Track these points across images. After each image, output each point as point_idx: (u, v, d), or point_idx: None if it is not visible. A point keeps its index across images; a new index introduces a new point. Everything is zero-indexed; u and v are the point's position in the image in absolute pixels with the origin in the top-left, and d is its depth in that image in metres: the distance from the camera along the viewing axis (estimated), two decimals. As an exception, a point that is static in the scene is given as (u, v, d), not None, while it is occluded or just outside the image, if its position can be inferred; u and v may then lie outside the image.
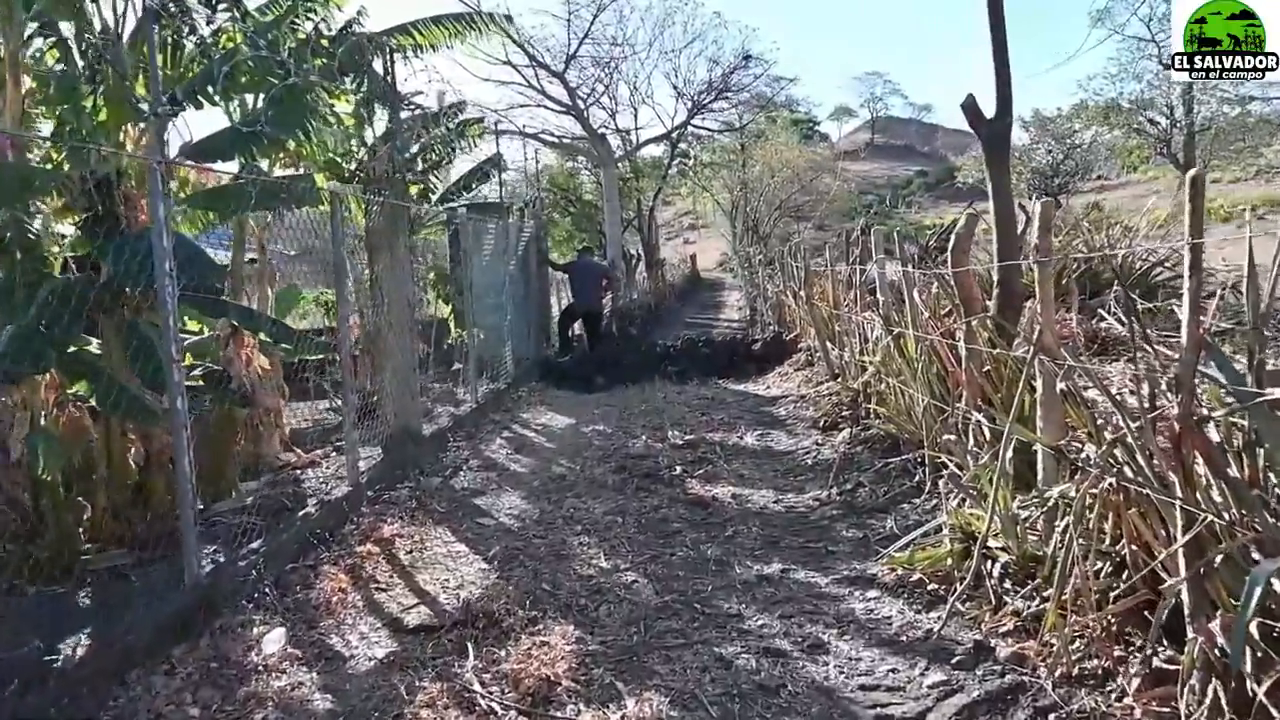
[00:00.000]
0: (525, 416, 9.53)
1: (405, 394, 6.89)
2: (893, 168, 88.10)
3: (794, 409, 8.76)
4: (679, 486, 6.24)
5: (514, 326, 11.52)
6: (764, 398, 9.74)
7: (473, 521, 5.65)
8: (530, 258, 12.86)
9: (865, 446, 6.57)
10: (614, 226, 24.90)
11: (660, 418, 8.91)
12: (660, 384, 11.08)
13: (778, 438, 7.72)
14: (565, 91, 24.48)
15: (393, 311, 6.76)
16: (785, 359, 11.35)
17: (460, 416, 8.39)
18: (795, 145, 54.40)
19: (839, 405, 7.95)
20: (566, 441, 8.17)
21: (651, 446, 7.57)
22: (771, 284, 17.52)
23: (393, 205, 6.74)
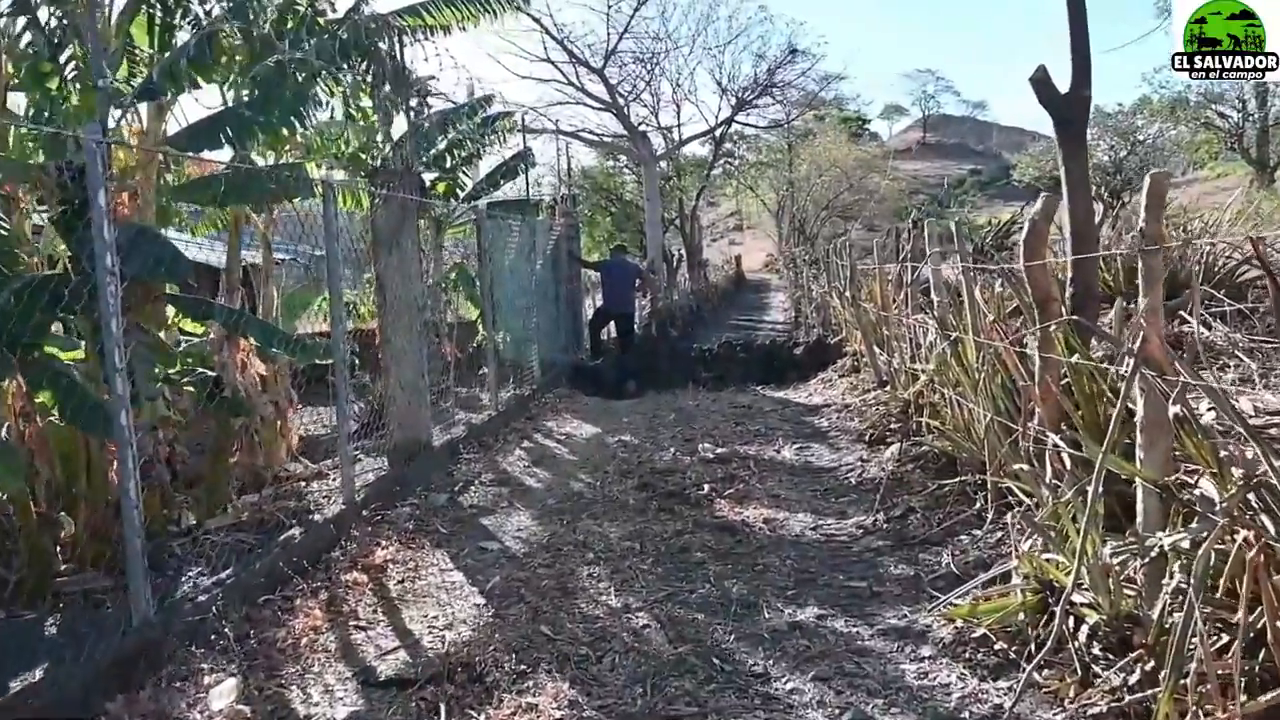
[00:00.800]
0: (549, 424, 8.97)
1: (413, 402, 6.37)
2: (945, 166, 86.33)
3: (837, 420, 8.08)
4: (706, 508, 5.62)
5: (542, 329, 10.99)
6: (805, 406, 9.06)
7: (475, 546, 5.09)
8: (561, 257, 12.33)
9: (916, 465, 5.88)
10: (655, 226, 24.30)
11: (691, 428, 8.29)
12: (694, 391, 10.46)
13: (818, 452, 7.05)
14: (605, 88, 23.94)
15: (399, 314, 6.24)
16: (829, 364, 10.66)
17: (478, 425, 7.86)
18: (844, 143, 53.39)
19: (887, 416, 7.26)
20: (589, 453, 7.59)
21: (679, 460, 6.96)
22: (816, 285, 16.79)
23: (401, 200, 6.21)
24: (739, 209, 70.03)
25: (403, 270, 6.25)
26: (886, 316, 7.84)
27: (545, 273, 11.68)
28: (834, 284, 12.51)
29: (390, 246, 6.18)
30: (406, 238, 6.29)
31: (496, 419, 8.38)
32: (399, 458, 6.27)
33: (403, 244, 6.25)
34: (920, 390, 6.24)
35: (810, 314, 16.61)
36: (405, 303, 6.28)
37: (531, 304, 10.63)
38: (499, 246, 10.73)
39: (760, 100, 27.28)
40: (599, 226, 30.34)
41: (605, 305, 13.00)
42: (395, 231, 6.22)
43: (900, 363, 7.22)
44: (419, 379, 6.42)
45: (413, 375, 6.35)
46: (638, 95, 26.27)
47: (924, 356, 6.48)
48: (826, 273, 14.16)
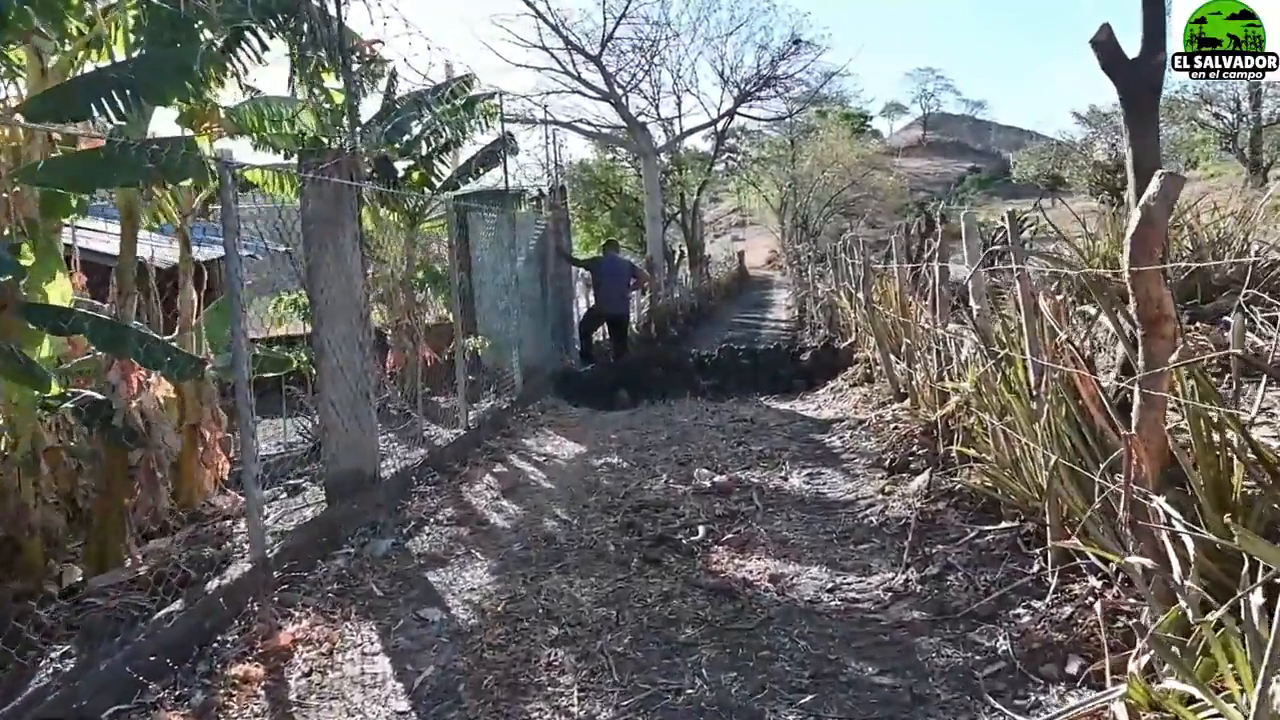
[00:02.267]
0: (527, 443, 8.01)
1: (354, 426, 5.41)
2: (945, 164, 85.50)
3: (851, 438, 7.11)
4: (700, 559, 4.66)
5: (525, 333, 10.03)
6: (814, 421, 8.09)
7: (414, 615, 4.13)
8: (547, 254, 11.36)
9: (949, 502, 4.93)
10: (654, 221, 23.35)
11: (687, 447, 7.33)
12: (692, 401, 9.50)
13: (831, 479, 6.09)
14: (602, 77, 22.94)
15: (335, 320, 5.28)
16: (838, 372, 9.69)
17: (439, 449, 6.89)
18: (846, 139, 52.61)
19: (908, 438, 6.31)
20: (570, 480, 6.63)
21: (672, 490, 6.00)
22: (822, 283, 15.82)
23: (336, 185, 5.25)
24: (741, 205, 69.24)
25: (340, 268, 5.29)
26: (906, 323, 6.87)
27: (529, 270, 10.72)
28: (843, 283, 11.53)
29: (324, 240, 5.22)
30: (345, 230, 5.33)
31: (466, 438, 7.43)
32: (337, 493, 5.31)
33: (340, 238, 5.29)
34: (952, 412, 5.26)
35: (816, 314, 15.64)
36: (343, 307, 5.32)
37: (513, 305, 9.67)
38: (476, 241, 9.79)
39: (763, 92, 26.24)
40: (598, 222, 29.36)
41: (597, 306, 12.03)
42: (331, 222, 5.26)
43: (924, 377, 6.25)
44: (362, 399, 5.45)
45: (353, 394, 5.39)
46: (636, 85, 25.30)
47: (956, 372, 5.51)
48: (834, 271, 13.17)
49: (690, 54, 29.94)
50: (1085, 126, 47.63)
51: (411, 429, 7.43)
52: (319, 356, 5.28)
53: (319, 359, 5.29)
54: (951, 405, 5.24)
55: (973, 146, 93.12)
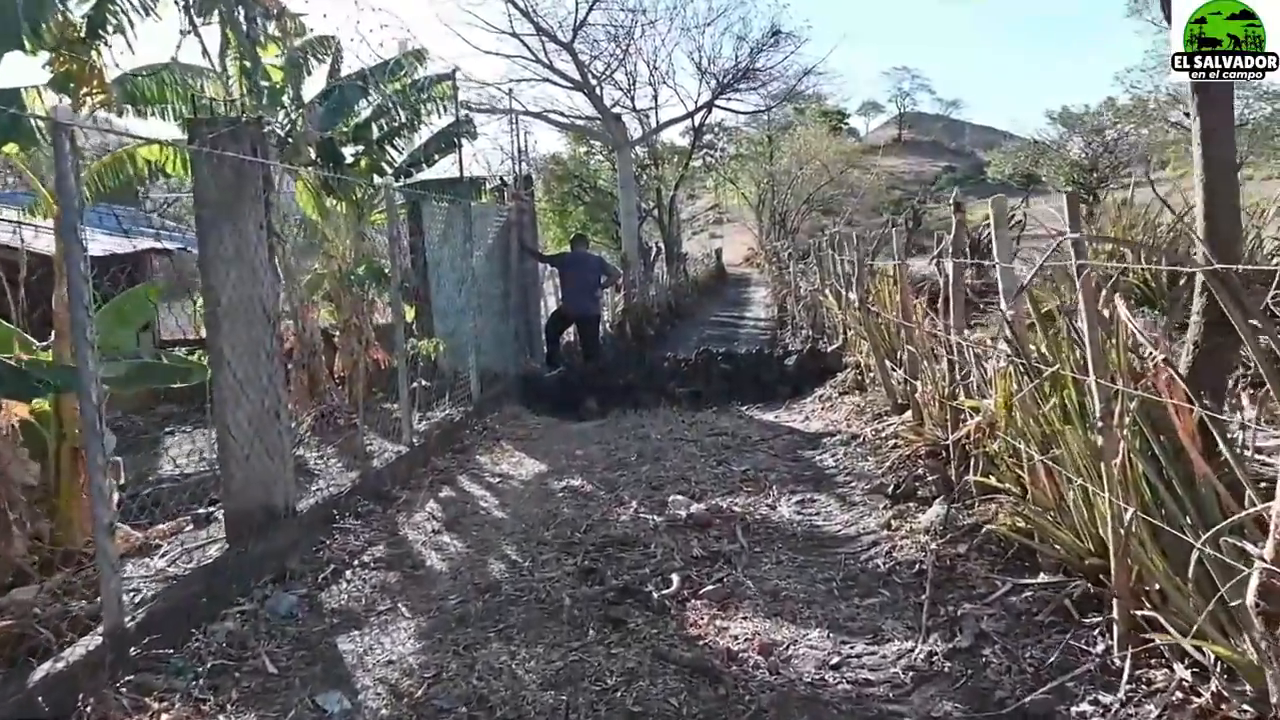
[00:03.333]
0: (482, 460, 7.13)
1: (260, 453, 4.51)
2: (920, 163, 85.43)
3: (845, 456, 6.29)
4: (674, 619, 3.81)
5: (483, 334, 9.13)
6: (802, 434, 7.26)
7: (309, 704, 3.24)
8: (510, 248, 10.45)
9: (971, 544, 4.11)
10: (630, 216, 22.45)
11: (661, 466, 6.48)
12: (668, 411, 8.65)
13: (826, 508, 5.26)
14: (575, 65, 22.01)
15: (236, 326, 4.38)
16: (826, 377, 8.88)
17: (374, 471, 5.99)
18: (824, 136, 52.25)
19: (912, 459, 5.50)
20: (526, 508, 5.76)
21: (642, 522, 5.15)
22: (805, 281, 15.03)
23: (236, 162, 4.34)
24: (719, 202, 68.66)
25: (243, 262, 4.39)
26: (909, 328, 6.05)
27: (490, 266, 9.83)
28: (829, 282, 10.72)
29: (221, 228, 4.31)
30: (248, 216, 4.43)
31: (410, 456, 6.54)
32: (239, 533, 4.41)
33: (242, 225, 4.38)
34: (973, 434, 4.44)
35: (798, 314, 14.84)
36: (246, 309, 4.42)
37: (470, 303, 8.77)
38: (430, 234, 8.90)
39: (742, 84, 25.39)
40: (571, 216, 28.45)
41: (563, 306, 11.13)
42: (230, 206, 4.35)
43: (932, 390, 5.43)
44: (270, 419, 4.55)
45: (260, 413, 4.49)
46: (610, 75, 24.39)
47: (976, 387, 4.70)
48: (819, 268, 12.36)
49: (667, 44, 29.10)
50: (1058, 127, 47.69)
51: (356, 443, 6.53)
52: (215, 369, 4.38)
53: (215, 372, 4.39)
54: (971, 427, 4.42)
55: (947, 146, 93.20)
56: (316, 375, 8.75)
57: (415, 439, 6.78)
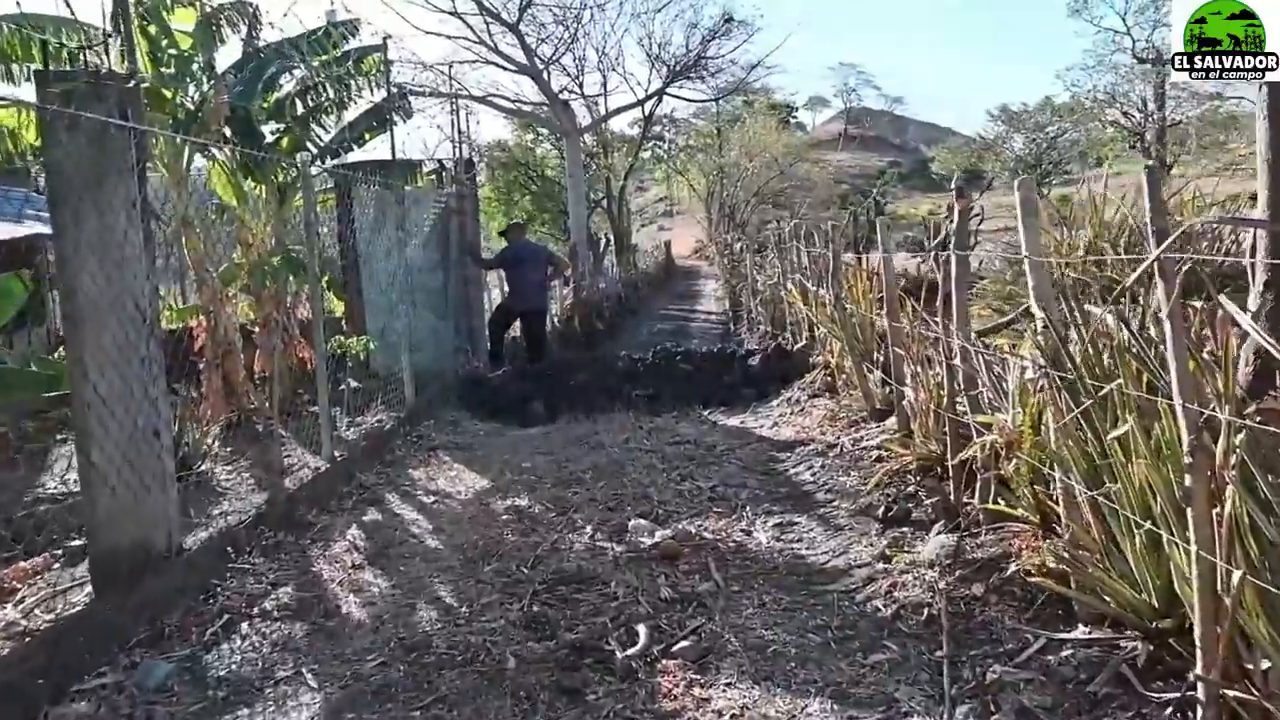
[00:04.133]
0: (415, 475, 6.35)
1: (133, 482, 3.71)
2: (866, 158, 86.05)
3: (823, 469, 5.64)
4: (641, 686, 3.11)
5: (419, 331, 8.33)
6: (772, 442, 6.61)
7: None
8: (450, 237, 9.63)
9: (986, 582, 3.48)
10: (579, 205, 21.68)
11: (618, 482, 5.78)
12: (624, 416, 7.93)
13: (809, 533, 4.61)
14: (520, 47, 21.11)
15: (100, 326, 3.56)
16: (791, 379, 8.25)
17: (287, 494, 5.18)
18: (773, 130, 52.08)
19: (900, 474, 4.88)
20: (464, 535, 5.00)
21: (600, 553, 4.45)
22: (763, 275, 14.43)
23: (96, 126, 3.51)
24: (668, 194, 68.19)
25: (107, 251, 3.57)
26: (896, 328, 5.42)
27: (427, 256, 9.02)
28: (793, 276, 10.10)
29: (78, 207, 3.49)
30: (115, 192, 3.60)
31: (331, 473, 5.73)
32: (109, 581, 3.60)
33: (107, 205, 3.56)
34: (987, 452, 3.81)
35: (756, 309, 14.22)
36: (112, 307, 3.60)
37: (404, 297, 7.97)
38: (360, 220, 8.08)
39: (694, 72, 24.74)
40: (517, 205, 27.53)
41: (508, 300, 10.33)
42: (91, 180, 3.52)
43: (926, 399, 4.80)
44: (146, 439, 3.75)
45: (133, 434, 3.68)
46: (558, 59, 23.55)
47: (984, 399, 4.07)
48: (780, 262, 11.74)
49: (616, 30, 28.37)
50: (999, 124, 48.33)
51: (272, 455, 5.72)
52: (74, 383, 3.56)
53: (74, 384, 3.56)
54: (983, 445, 3.79)
55: (892, 141, 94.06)
56: (232, 376, 7.91)
57: (338, 452, 5.98)
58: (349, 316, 8.89)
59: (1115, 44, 40.60)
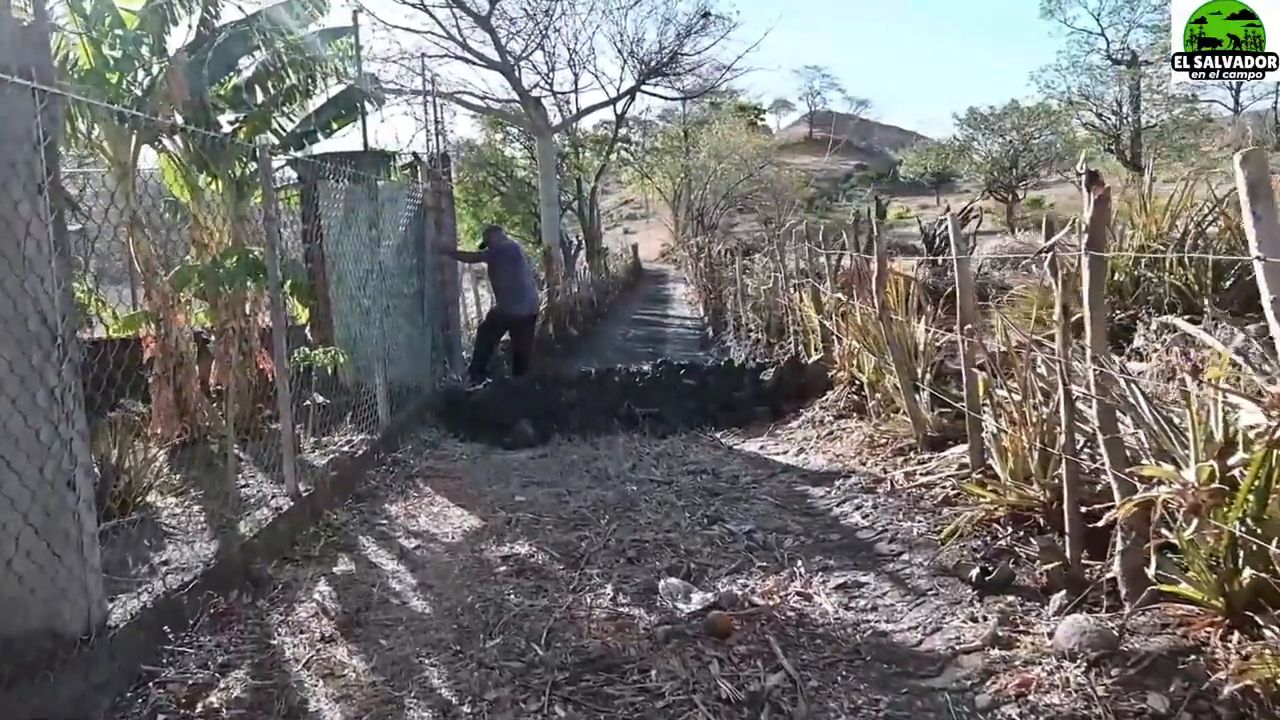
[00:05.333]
0: (393, 512, 5.45)
1: (40, 547, 2.80)
2: (832, 161, 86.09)
3: (875, 509, 4.83)
4: None
5: (394, 341, 7.43)
6: (803, 473, 5.80)
7: None
8: (426, 237, 8.71)
9: (1165, 688, 2.68)
10: (551, 206, 20.83)
11: (633, 523, 4.94)
12: (624, 438, 7.09)
13: (884, 598, 3.79)
14: (492, 42, 20.19)
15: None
16: (809, 395, 7.46)
17: (241, 541, 4.26)
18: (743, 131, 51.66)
19: (986, 523, 4.09)
20: (455, 593, 4.13)
21: (628, 623, 3.61)
22: (753, 279, 13.67)
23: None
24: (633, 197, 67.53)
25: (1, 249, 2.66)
26: (975, 346, 4.63)
27: (402, 259, 8.10)
28: (800, 281, 9.32)
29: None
30: (12, 177, 2.70)
31: (295, 511, 4.82)
32: (6, 682, 2.69)
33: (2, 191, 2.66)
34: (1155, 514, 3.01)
35: (747, 315, 13.44)
36: (9, 325, 2.69)
37: (378, 303, 7.06)
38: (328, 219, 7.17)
39: (669, 68, 23.95)
40: (486, 207, 26.54)
41: (503, 305, 9.33)
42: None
43: (1033, 432, 4.00)
44: (58, 493, 2.84)
45: (35, 487, 2.78)
46: (528, 56, 22.64)
47: (1146, 445, 3.28)
48: (777, 265, 10.96)
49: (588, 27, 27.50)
50: (964, 128, 48.27)
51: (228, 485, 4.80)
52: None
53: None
54: (1148, 502, 2.98)
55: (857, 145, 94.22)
56: (185, 391, 6.99)
57: (303, 485, 5.06)
58: (315, 324, 7.96)
59: (1089, 45, 40.64)
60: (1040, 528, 3.83)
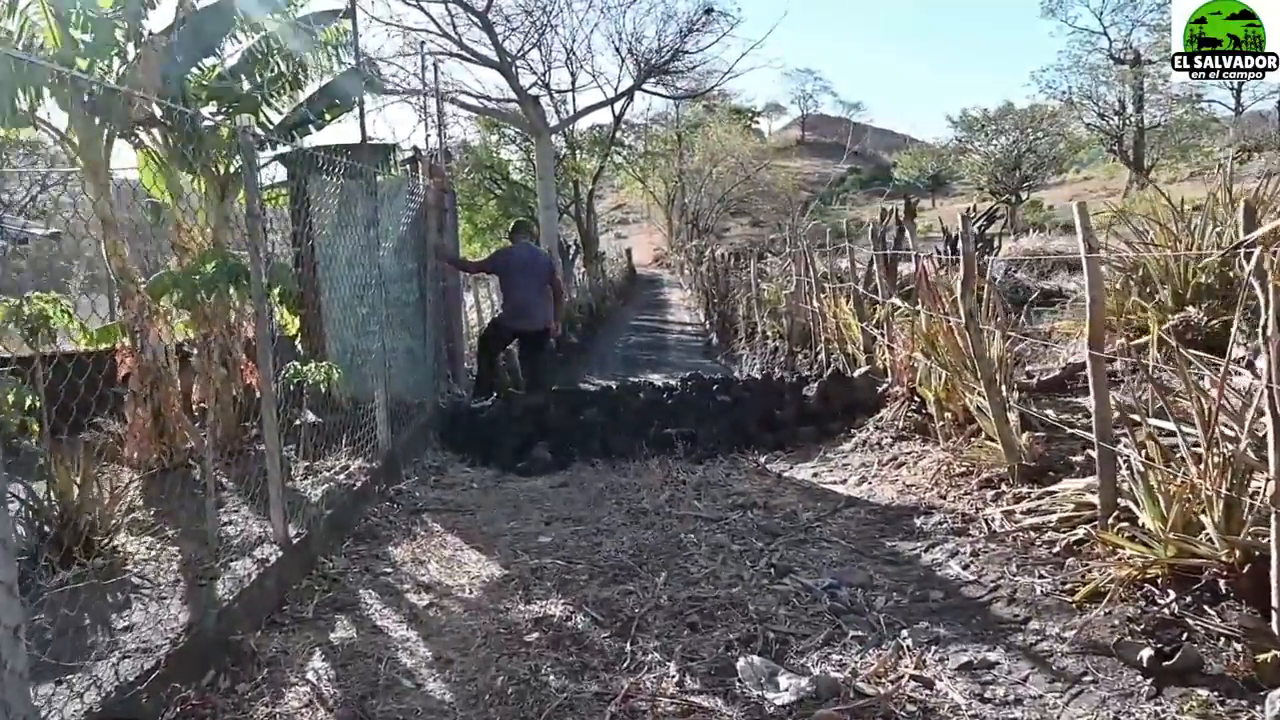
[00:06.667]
0: (397, 556, 4.65)
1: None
2: (825, 165, 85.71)
3: (976, 559, 4.02)
4: None
5: (393, 355, 6.63)
6: (872, 508, 5.00)
7: None
8: (428, 239, 7.89)
9: None
10: (550, 209, 20.03)
11: (685, 571, 4.17)
12: (655, 464, 6.30)
13: (1026, 686, 2.99)
14: (488, 36, 19.38)
15: None
16: (856, 412, 6.68)
17: (219, 610, 3.45)
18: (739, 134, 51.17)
19: (1137, 583, 3.32)
20: (478, 669, 3.34)
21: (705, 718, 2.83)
22: (769, 284, 12.92)
23: None
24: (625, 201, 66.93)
25: None
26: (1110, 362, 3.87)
27: (401, 263, 7.31)
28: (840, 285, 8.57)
29: None
30: None
31: (284, 563, 4.02)
32: None
33: None
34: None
35: (763, 322, 12.67)
36: None
37: (377, 313, 6.27)
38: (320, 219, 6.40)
39: (673, 65, 23.19)
40: (482, 210, 25.72)
41: (506, 316, 8.50)
42: None
43: (1218, 476, 3.24)
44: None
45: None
46: (524, 54, 21.85)
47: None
48: (802, 269, 10.21)
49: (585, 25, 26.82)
50: (957, 130, 47.87)
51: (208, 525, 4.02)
52: None
53: None
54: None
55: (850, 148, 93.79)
56: (164, 410, 6.25)
57: (294, 528, 4.26)
58: (306, 335, 7.18)
59: (1091, 44, 40.13)
60: (1218, 594, 3.07)
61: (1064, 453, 4.77)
